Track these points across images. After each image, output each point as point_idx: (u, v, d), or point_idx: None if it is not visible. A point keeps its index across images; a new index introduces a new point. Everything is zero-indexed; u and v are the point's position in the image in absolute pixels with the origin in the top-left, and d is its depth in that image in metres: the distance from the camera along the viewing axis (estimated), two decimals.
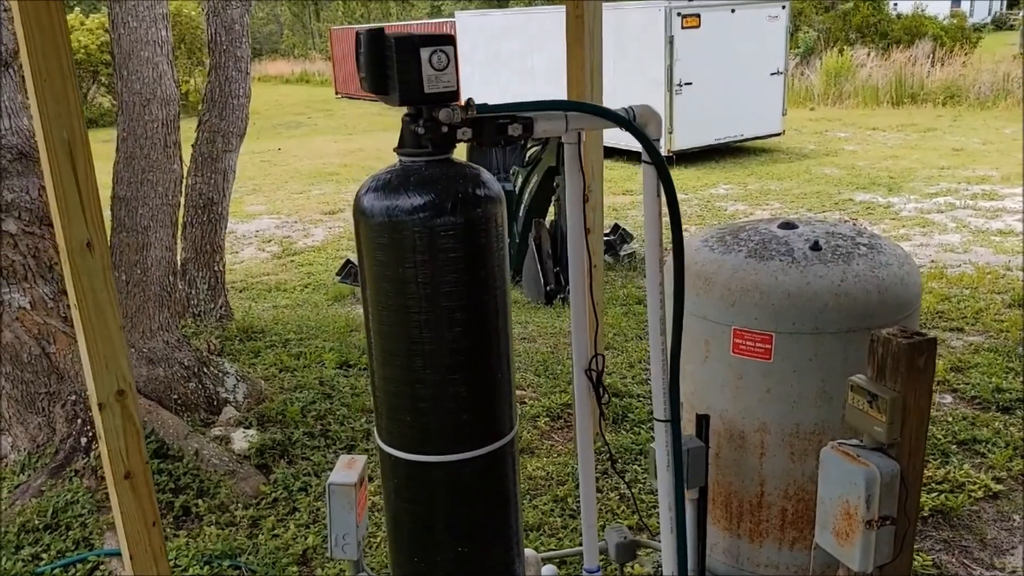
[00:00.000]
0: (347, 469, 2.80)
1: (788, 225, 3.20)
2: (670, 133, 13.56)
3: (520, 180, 7.76)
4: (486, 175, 2.11)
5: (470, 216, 2.00)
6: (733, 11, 13.78)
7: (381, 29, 1.92)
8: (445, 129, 1.96)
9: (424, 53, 1.87)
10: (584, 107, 2.12)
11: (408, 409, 2.11)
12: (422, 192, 1.97)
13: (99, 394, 2.70)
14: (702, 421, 2.99)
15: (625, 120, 2.13)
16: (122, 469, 2.79)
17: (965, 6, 42.48)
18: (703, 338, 3.07)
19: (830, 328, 2.85)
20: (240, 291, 8.21)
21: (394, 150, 2.06)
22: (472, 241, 2.02)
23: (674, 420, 2.40)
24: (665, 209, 2.28)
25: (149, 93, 4.65)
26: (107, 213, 4.79)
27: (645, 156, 2.20)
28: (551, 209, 7.74)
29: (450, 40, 1.90)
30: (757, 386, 2.98)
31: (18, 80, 3.98)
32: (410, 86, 1.89)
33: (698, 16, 13.47)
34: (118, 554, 3.60)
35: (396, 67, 1.87)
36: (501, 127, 2.04)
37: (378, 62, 1.92)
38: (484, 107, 2.02)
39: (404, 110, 2.01)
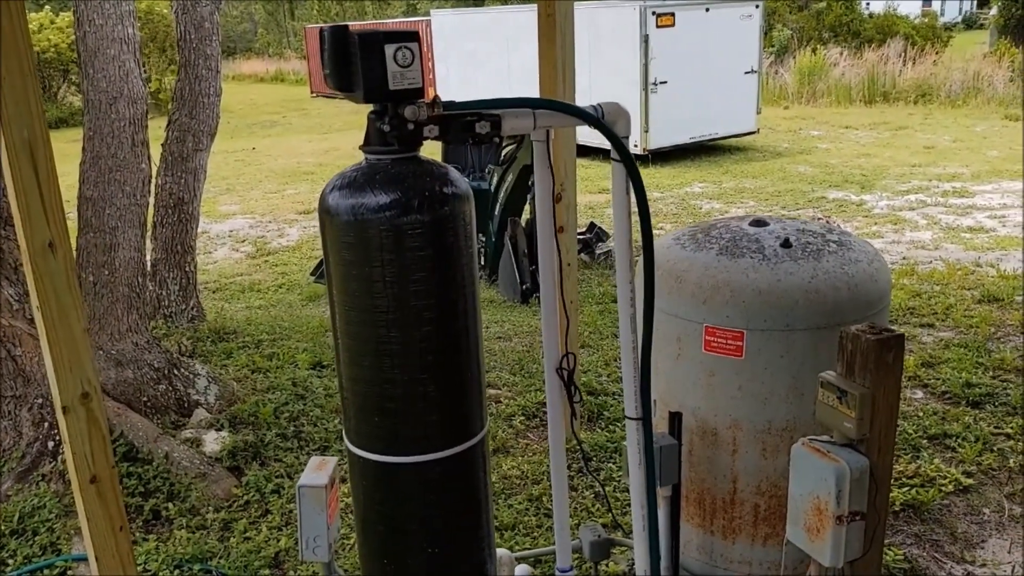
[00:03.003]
0: (317, 471, 2.78)
1: (759, 223, 3.21)
2: (645, 132, 13.60)
3: (496, 179, 7.75)
4: (454, 173, 2.09)
5: (437, 214, 1.99)
6: (707, 10, 13.84)
7: (345, 26, 1.90)
8: (411, 127, 1.95)
9: (388, 50, 1.85)
10: (552, 104, 2.11)
11: (377, 410, 2.09)
12: (388, 190, 1.95)
13: (63, 398, 2.66)
14: (675, 419, 2.99)
15: (593, 117, 2.12)
16: (88, 473, 2.75)
17: (936, 5, 42.98)
18: (675, 336, 3.07)
19: (801, 325, 2.85)
20: (213, 292, 8.14)
21: (360, 148, 2.04)
22: (440, 240, 2.01)
23: (645, 418, 2.39)
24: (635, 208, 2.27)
25: (116, 91, 4.58)
26: (74, 214, 4.74)
27: (614, 154, 2.19)
28: (527, 208, 7.74)
29: (414, 37, 1.88)
30: (729, 383, 2.98)
31: None
32: (374, 83, 1.87)
33: (672, 15, 13.52)
34: (86, 559, 3.55)
35: (360, 64, 1.85)
36: (468, 124, 2.02)
37: (342, 59, 1.90)
38: (451, 104, 2.00)
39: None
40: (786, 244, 3.02)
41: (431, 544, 2.21)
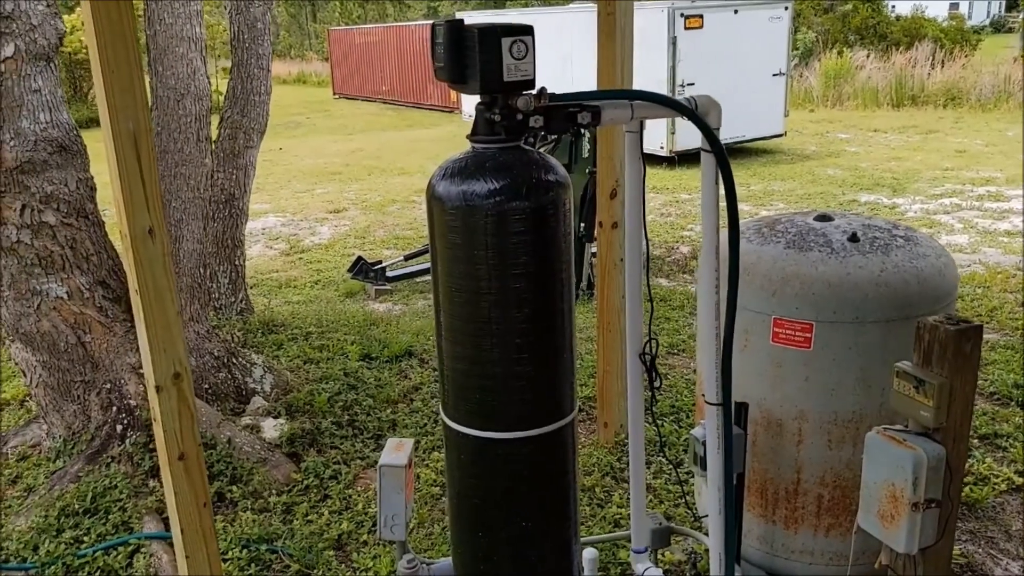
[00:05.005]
0: (397, 451, 2.86)
1: (824, 217, 3.27)
2: (672, 134, 13.62)
3: None
4: (552, 161, 2.17)
5: (541, 200, 2.07)
6: (736, 12, 13.85)
7: (460, 20, 1.98)
8: (520, 117, 2.03)
9: (505, 43, 1.94)
10: (649, 96, 2.19)
11: (476, 387, 2.18)
12: (497, 177, 2.03)
13: (157, 377, 2.76)
14: (741, 409, 3.05)
15: (688, 109, 2.20)
16: (177, 451, 2.85)
17: (964, 7, 42.72)
18: (742, 328, 3.12)
19: (871, 317, 2.91)
20: (251, 287, 8.23)
21: (467, 137, 2.12)
22: (542, 225, 2.09)
23: (726, 404, 2.46)
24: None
25: (183, 88, 4.70)
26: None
27: (705, 145, 2.26)
28: None
29: (529, 30, 1.96)
30: (796, 375, 3.04)
31: (58, 74, 4.02)
32: (491, 75, 1.96)
33: (701, 17, 13.54)
34: (159, 537, 3.66)
35: (479, 57, 1.93)
36: (571, 115, 2.10)
37: (458, 52, 1.98)
38: (555, 96, 2.08)
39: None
40: (853, 238, 3.08)
41: (524, 518, 2.28)
